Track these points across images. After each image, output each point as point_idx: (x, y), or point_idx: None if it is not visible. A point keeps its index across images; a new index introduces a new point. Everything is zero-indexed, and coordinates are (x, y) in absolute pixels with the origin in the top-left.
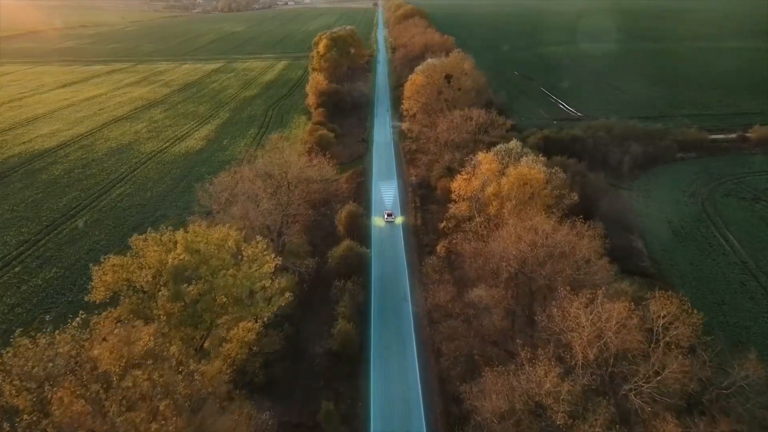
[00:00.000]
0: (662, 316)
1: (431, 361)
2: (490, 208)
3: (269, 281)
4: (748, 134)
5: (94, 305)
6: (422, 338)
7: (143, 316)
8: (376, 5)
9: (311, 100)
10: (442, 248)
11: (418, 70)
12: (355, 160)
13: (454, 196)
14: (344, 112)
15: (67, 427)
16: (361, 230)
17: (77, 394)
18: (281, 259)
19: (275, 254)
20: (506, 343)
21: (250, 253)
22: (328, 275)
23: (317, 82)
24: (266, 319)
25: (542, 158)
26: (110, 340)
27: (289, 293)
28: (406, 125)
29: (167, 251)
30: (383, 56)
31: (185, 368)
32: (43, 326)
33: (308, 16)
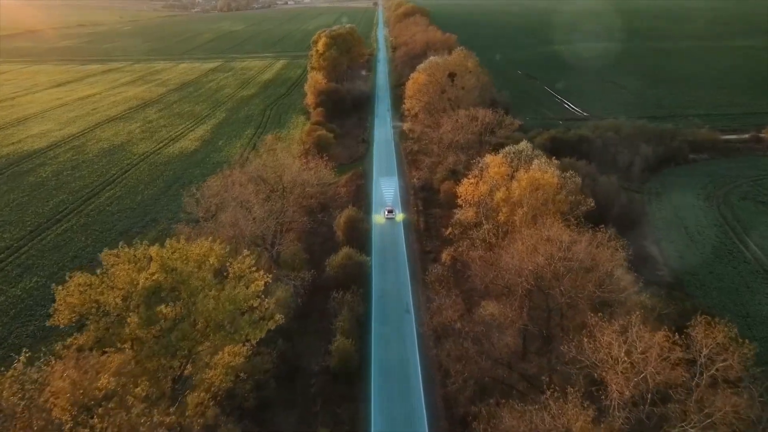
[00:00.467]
0: (707, 345)
1: (436, 381)
2: (499, 214)
3: (258, 301)
4: (762, 134)
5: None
6: (427, 356)
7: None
8: (376, 4)
9: (310, 99)
10: (447, 256)
11: (420, 68)
12: (354, 161)
13: (460, 201)
14: (344, 111)
15: None
16: (360, 236)
17: None
18: (272, 274)
19: (268, 265)
20: (520, 365)
21: (236, 269)
22: (326, 284)
23: (316, 81)
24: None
25: (555, 161)
26: (66, 380)
27: (279, 315)
28: (407, 125)
29: (139, 270)
30: (383, 55)
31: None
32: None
33: (308, 15)
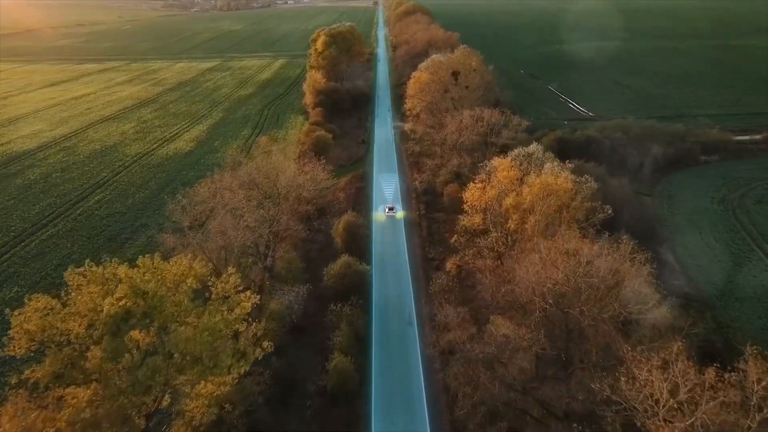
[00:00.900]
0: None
1: (443, 404)
2: (508, 221)
3: (244, 326)
4: None
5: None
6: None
7: (73, 380)
8: (376, 4)
9: (309, 99)
10: (452, 265)
11: (422, 67)
12: (354, 162)
13: (466, 207)
14: (343, 111)
15: None
16: (360, 242)
17: None
18: (263, 291)
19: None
20: (535, 389)
21: (219, 290)
22: (323, 294)
23: (315, 80)
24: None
25: (569, 164)
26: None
27: (268, 343)
28: (408, 126)
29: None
30: (384, 54)
31: None
32: None
33: (307, 14)
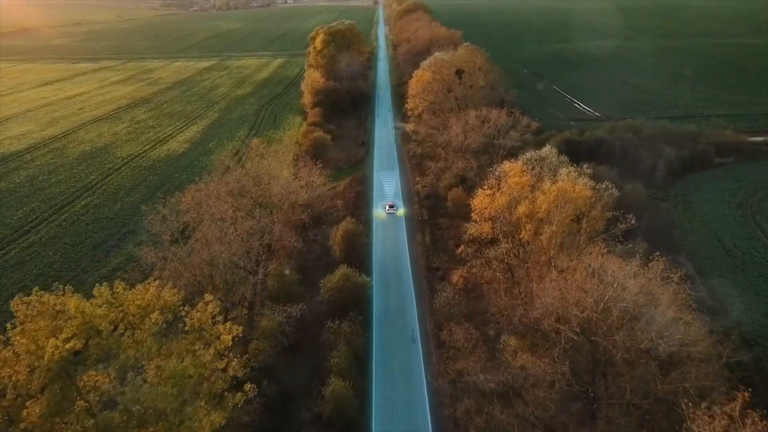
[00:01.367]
0: None
1: None
2: (521, 232)
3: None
4: None
5: None
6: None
7: None
8: (376, 3)
9: (307, 99)
10: (459, 278)
11: (424, 65)
12: (354, 164)
13: (474, 215)
14: (342, 111)
15: None
16: (360, 251)
17: None
18: (244, 327)
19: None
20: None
21: (195, 321)
22: (320, 309)
23: (313, 79)
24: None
25: (587, 170)
26: None
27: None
28: (410, 126)
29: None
30: (384, 53)
31: None
32: None
33: (307, 13)
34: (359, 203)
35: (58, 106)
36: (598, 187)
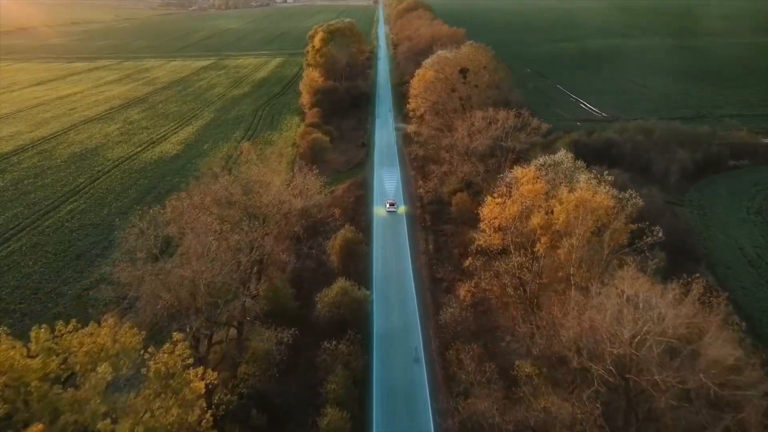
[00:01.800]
0: None
1: None
2: (536, 245)
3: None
4: None
5: None
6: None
7: None
8: (376, 2)
9: (305, 99)
10: (466, 293)
11: (426, 64)
12: (353, 167)
13: (483, 225)
14: (342, 112)
15: None
16: (359, 262)
17: None
18: (241, 335)
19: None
20: None
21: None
22: (317, 325)
23: (312, 79)
24: None
25: (608, 176)
26: None
27: None
28: (412, 127)
29: None
30: (384, 52)
31: None
32: None
33: (307, 13)
34: (359, 208)
35: (49, 106)
36: (620, 195)
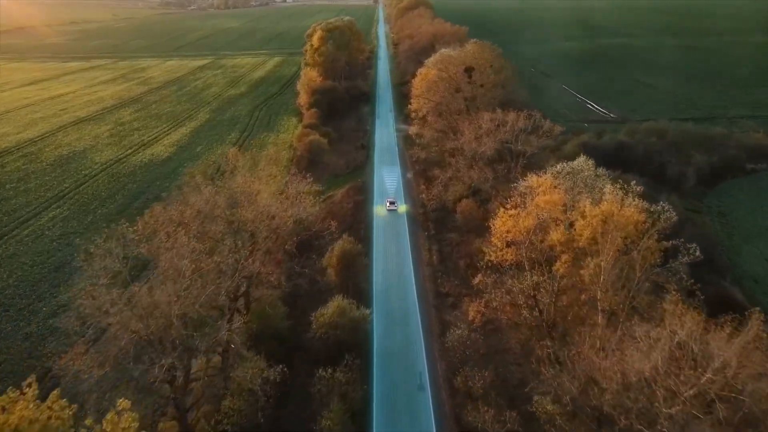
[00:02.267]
0: None
1: None
2: (556, 263)
3: None
4: None
5: None
6: None
7: None
8: (376, 1)
9: (303, 99)
10: (476, 314)
11: (429, 62)
12: (352, 171)
13: (494, 239)
14: (341, 112)
15: None
16: (358, 275)
17: None
18: (225, 363)
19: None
20: None
21: None
22: (312, 348)
23: (310, 78)
24: None
25: (636, 187)
26: None
27: None
28: (414, 129)
29: None
30: (384, 52)
31: None
32: None
33: (306, 12)
34: (358, 215)
35: (39, 106)
36: (651, 208)
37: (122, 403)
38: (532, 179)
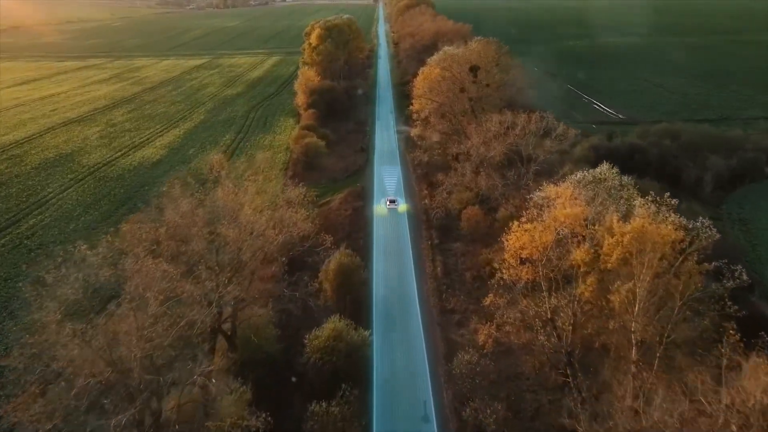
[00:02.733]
0: None
1: None
2: (579, 285)
3: None
4: None
5: None
6: None
7: None
8: (376, 1)
9: (300, 99)
10: (486, 338)
11: (432, 61)
12: (351, 175)
13: (508, 255)
14: (339, 113)
15: None
16: (357, 291)
17: None
18: (204, 397)
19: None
20: None
21: None
22: (305, 374)
23: (308, 78)
24: None
25: (671, 200)
26: None
27: None
28: (415, 131)
29: None
30: (385, 51)
31: None
32: None
33: (305, 11)
34: (357, 222)
35: (29, 107)
36: (692, 225)
37: None
38: (549, 189)
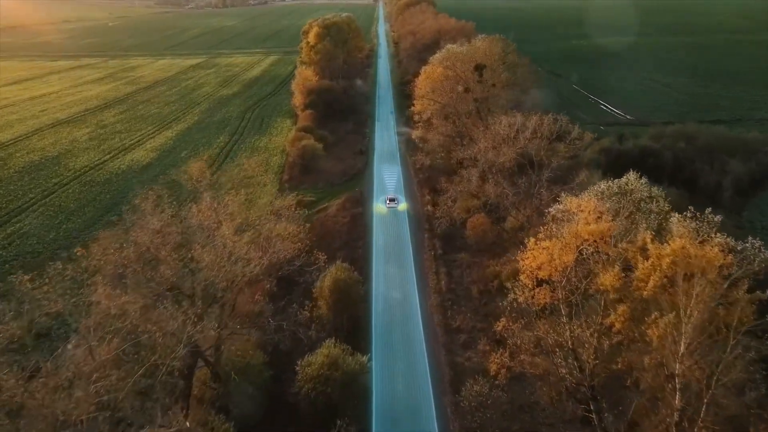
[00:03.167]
0: None
1: None
2: (608, 313)
3: None
4: None
5: None
6: None
7: None
8: (376, 0)
9: (298, 99)
10: (499, 367)
11: (434, 59)
12: (349, 179)
13: (523, 276)
14: (338, 114)
15: None
16: (355, 309)
17: None
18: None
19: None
20: None
21: None
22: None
23: (306, 77)
24: None
25: (714, 217)
26: None
27: None
28: (417, 133)
29: None
30: (385, 51)
31: None
32: None
33: (305, 11)
34: (355, 230)
35: (17, 107)
36: (740, 246)
37: None
38: (569, 201)
